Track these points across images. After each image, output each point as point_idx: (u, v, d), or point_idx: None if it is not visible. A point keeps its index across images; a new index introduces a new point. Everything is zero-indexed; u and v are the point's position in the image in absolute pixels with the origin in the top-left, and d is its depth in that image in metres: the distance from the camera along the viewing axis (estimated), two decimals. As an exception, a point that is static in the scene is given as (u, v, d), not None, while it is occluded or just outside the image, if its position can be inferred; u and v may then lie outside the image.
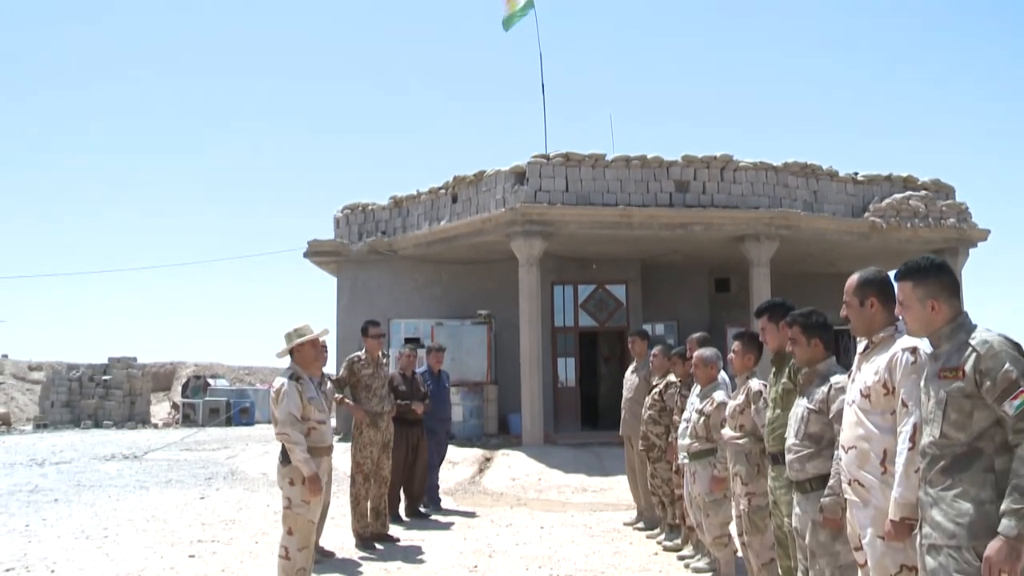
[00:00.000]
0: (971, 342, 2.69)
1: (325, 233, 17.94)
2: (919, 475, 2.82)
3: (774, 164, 15.00)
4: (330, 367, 9.15)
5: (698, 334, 6.51)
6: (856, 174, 16.23)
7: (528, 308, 14.08)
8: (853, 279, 3.40)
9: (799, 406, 3.91)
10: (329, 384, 7.35)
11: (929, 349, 2.95)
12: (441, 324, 16.40)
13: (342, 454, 8.97)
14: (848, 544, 3.40)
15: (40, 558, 6.74)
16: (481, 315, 16.40)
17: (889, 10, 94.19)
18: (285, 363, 5.51)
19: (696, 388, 5.99)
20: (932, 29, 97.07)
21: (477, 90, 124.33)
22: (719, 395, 5.61)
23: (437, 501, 9.45)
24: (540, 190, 14.10)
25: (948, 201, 16.37)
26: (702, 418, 5.69)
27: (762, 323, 4.63)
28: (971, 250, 16.57)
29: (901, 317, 3.04)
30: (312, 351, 5.47)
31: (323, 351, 6.21)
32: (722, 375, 5.86)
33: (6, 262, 73.76)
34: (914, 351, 3.07)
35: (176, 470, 13.58)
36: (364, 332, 7.92)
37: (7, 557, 6.77)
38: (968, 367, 2.66)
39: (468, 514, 9.16)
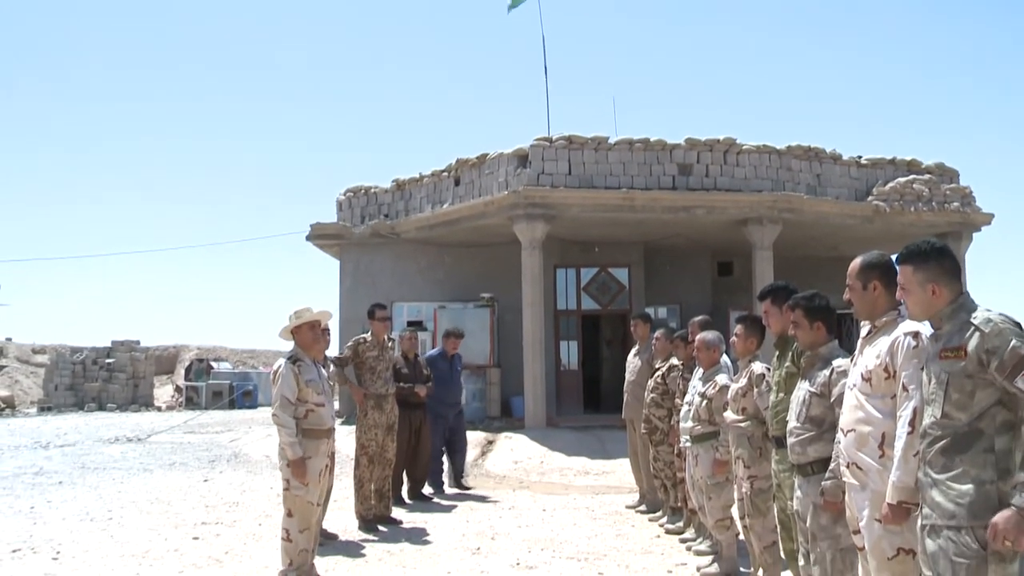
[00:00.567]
0: (973, 321, 2.68)
1: (328, 216, 17.92)
2: (918, 458, 2.83)
3: (777, 147, 14.93)
4: (333, 350, 9.16)
5: (700, 317, 6.50)
6: (860, 157, 16.16)
7: (531, 291, 14.08)
8: (856, 262, 3.39)
9: (801, 389, 3.91)
10: (332, 367, 7.36)
11: (931, 333, 2.94)
12: (444, 307, 16.41)
13: (345, 436, 9.03)
14: (849, 527, 3.41)
15: (45, 540, 6.78)
16: (484, 298, 16.40)
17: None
18: (289, 346, 5.54)
19: (698, 371, 5.99)
20: (938, 11, 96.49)
21: (480, 73, 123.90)
22: (722, 378, 5.61)
23: (440, 485, 9.48)
24: (543, 173, 14.07)
25: (952, 185, 16.30)
26: (704, 401, 5.69)
27: (765, 306, 4.62)
28: (975, 234, 16.50)
29: (903, 301, 3.03)
30: (311, 334, 5.47)
31: (324, 334, 6.20)
32: (724, 358, 5.86)
33: (10, 245, 73.89)
34: (916, 335, 3.07)
35: (180, 453, 13.63)
36: (371, 315, 7.93)
37: (13, 538, 6.81)
38: (971, 346, 2.65)
39: (471, 497, 9.19)
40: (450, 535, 7.06)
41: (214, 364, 31.84)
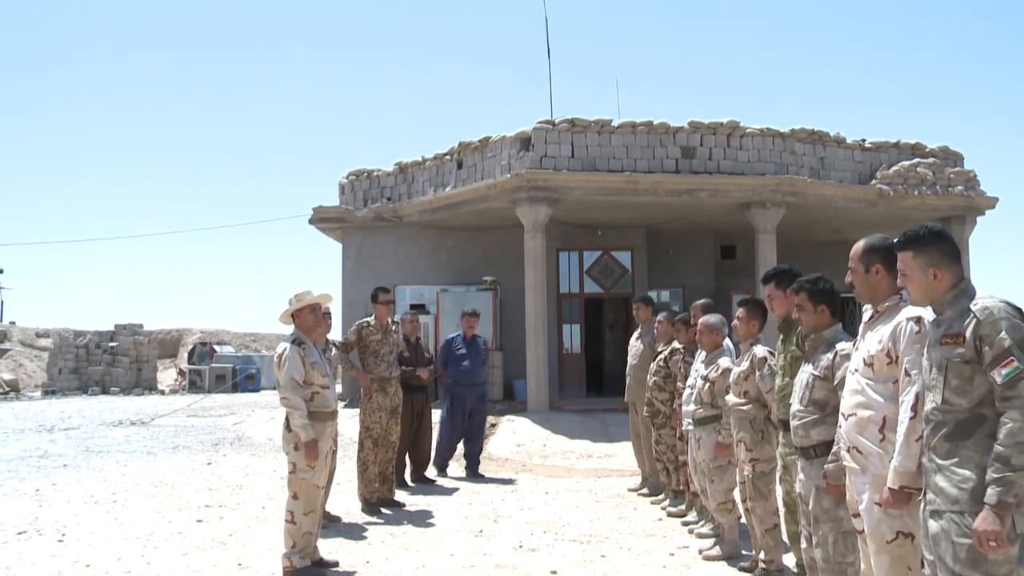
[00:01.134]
0: (972, 308, 2.68)
1: (330, 199, 17.92)
2: (921, 443, 2.83)
3: (781, 131, 14.87)
4: (336, 333, 9.15)
5: (702, 301, 6.48)
6: (863, 141, 16.10)
7: (533, 274, 14.07)
8: (859, 246, 3.38)
9: (804, 372, 3.91)
10: (334, 351, 7.37)
11: (932, 319, 2.94)
12: (446, 290, 16.42)
13: (349, 420, 9.05)
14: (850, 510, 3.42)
15: (51, 522, 6.82)
16: (486, 281, 16.41)
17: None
18: (290, 330, 5.53)
19: (701, 354, 5.99)
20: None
21: (483, 56, 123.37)
22: (724, 361, 5.61)
23: (445, 468, 9.50)
24: (546, 156, 14.03)
25: (956, 169, 16.24)
26: (707, 384, 5.70)
27: (769, 290, 4.62)
28: (979, 218, 16.45)
29: (904, 288, 3.02)
30: (311, 316, 5.47)
31: (325, 317, 6.19)
32: (727, 342, 5.86)
33: (13, 229, 73.90)
34: (918, 320, 3.07)
35: (183, 436, 13.68)
36: (374, 298, 7.92)
37: (19, 520, 6.85)
38: (969, 333, 2.65)
39: (473, 479, 9.21)
40: (453, 518, 7.09)
41: (217, 348, 31.97)
